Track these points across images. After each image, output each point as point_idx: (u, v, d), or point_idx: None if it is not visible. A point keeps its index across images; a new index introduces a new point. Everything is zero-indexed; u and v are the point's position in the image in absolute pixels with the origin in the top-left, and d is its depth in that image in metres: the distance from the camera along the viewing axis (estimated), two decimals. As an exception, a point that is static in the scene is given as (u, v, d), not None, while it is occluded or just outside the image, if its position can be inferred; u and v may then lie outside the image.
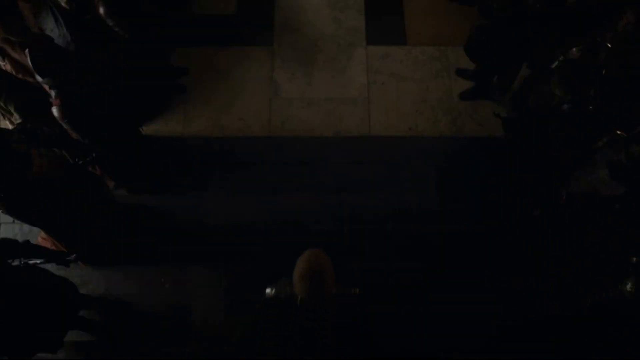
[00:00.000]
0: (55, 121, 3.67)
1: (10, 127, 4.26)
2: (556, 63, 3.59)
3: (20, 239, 3.65)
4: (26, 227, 4.45)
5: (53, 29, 3.97)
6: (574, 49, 3.48)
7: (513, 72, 4.62)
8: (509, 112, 4.67)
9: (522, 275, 4.19)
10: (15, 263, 3.48)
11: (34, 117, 3.90)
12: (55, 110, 3.54)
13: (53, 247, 4.16)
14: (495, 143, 4.84)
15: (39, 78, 3.43)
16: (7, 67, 4.22)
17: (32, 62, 3.37)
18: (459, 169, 4.84)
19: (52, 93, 3.53)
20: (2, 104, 4.06)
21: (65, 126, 3.65)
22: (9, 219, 4.40)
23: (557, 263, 3.95)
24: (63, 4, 3.86)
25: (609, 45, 3.44)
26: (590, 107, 3.63)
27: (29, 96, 4.07)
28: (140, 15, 4.33)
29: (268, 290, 2.99)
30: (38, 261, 3.58)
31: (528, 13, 4.03)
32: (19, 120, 3.93)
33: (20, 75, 4.24)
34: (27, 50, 3.41)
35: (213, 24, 5.63)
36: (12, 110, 3.97)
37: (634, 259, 3.28)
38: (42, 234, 4.30)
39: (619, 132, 3.48)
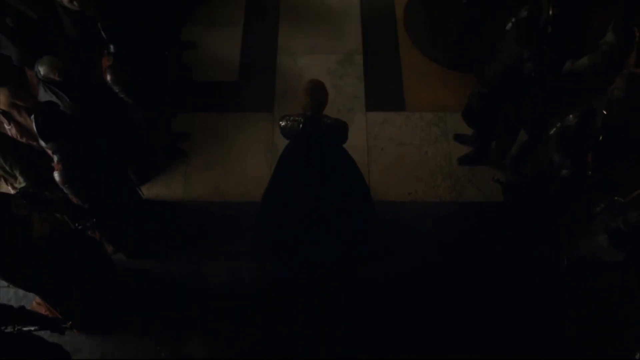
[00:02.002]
0: (57, 185, 3.69)
1: (11, 191, 4.28)
2: (553, 129, 3.64)
3: (14, 303, 3.59)
4: (21, 291, 4.38)
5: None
6: (571, 116, 3.53)
7: (511, 137, 4.68)
8: (508, 177, 4.69)
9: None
10: (9, 330, 3.41)
11: (36, 181, 3.93)
12: (57, 175, 3.56)
13: (47, 313, 4.09)
14: (494, 208, 4.84)
15: (42, 143, 3.48)
16: (13, 131, 4.29)
17: (36, 127, 3.43)
18: (459, 234, 4.83)
19: (55, 158, 3.57)
20: (7, 168, 4.09)
21: (66, 190, 3.66)
22: (3, 282, 4.34)
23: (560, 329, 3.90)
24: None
25: (605, 112, 3.50)
26: (589, 172, 3.65)
27: (33, 160, 4.12)
28: (146, 82, 4.43)
29: (282, 123, 3.74)
30: (32, 328, 3.51)
31: (524, 81, 4.13)
32: (22, 184, 3.95)
33: (24, 139, 4.31)
34: (32, 116, 3.47)
35: (215, 90, 5.77)
36: (17, 174, 4.01)
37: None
38: (37, 298, 4.23)
39: (616, 198, 3.49)
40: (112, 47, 4.11)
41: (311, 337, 4.33)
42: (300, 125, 3.63)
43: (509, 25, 4.12)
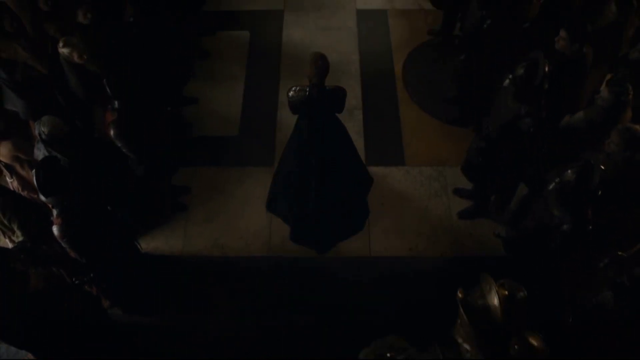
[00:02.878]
0: (55, 240, 3.67)
1: (9, 244, 4.25)
2: (552, 185, 3.65)
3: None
4: (13, 348, 4.27)
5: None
6: (569, 171, 3.55)
7: (510, 191, 4.69)
8: (508, 232, 4.68)
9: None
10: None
11: (35, 235, 3.90)
12: (55, 229, 3.54)
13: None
14: (496, 262, 4.79)
15: (42, 197, 3.48)
16: (14, 184, 4.31)
17: (36, 182, 3.44)
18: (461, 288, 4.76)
19: (54, 212, 3.56)
20: (5, 222, 4.08)
21: (64, 245, 3.63)
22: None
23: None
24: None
25: (603, 167, 3.52)
26: (590, 227, 3.65)
27: (32, 215, 4.11)
28: (148, 137, 4.48)
29: (290, 94, 4.25)
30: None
31: (522, 136, 4.18)
32: (20, 238, 3.93)
33: (25, 192, 4.32)
34: (34, 170, 3.49)
35: (216, 145, 5.82)
36: (15, 228, 3.99)
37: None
38: (30, 355, 4.13)
39: (620, 253, 3.47)
40: (116, 102, 4.17)
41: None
42: (307, 92, 4.13)
43: (507, 82, 4.21)
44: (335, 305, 4.68)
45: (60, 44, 4.38)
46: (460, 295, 2.60)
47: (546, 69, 3.94)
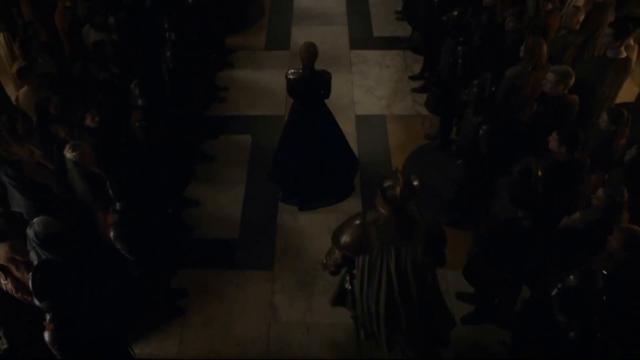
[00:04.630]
0: (44, 345, 3.55)
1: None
2: (555, 290, 3.59)
3: None
4: None
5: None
6: (571, 276, 3.51)
7: (513, 295, 4.61)
8: (514, 338, 4.54)
9: None
10: None
11: (21, 343, 3.79)
12: (47, 335, 3.43)
13: None
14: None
15: (36, 301, 3.41)
16: (8, 286, 4.23)
17: (32, 285, 3.38)
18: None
19: (47, 317, 3.47)
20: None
21: (54, 352, 3.51)
22: None
23: None
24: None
25: (605, 272, 3.49)
26: (597, 334, 3.54)
27: (23, 319, 4.01)
28: (148, 240, 4.47)
29: (290, 76, 5.41)
30: None
31: (521, 239, 4.17)
32: (4, 346, 3.80)
33: (19, 295, 4.23)
34: (31, 273, 3.44)
35: (215, 248, 5.79)
36: (1, 335, 3.87)
37: None
38: None
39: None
40: (118, 204, 4.21)
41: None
42: (301, 73, 5.35)
43: (502, 186, 4.28)
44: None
45: (68, 148, 4.50)
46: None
47: (539, 172, 4.01)
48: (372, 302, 3.93)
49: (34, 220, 3.92)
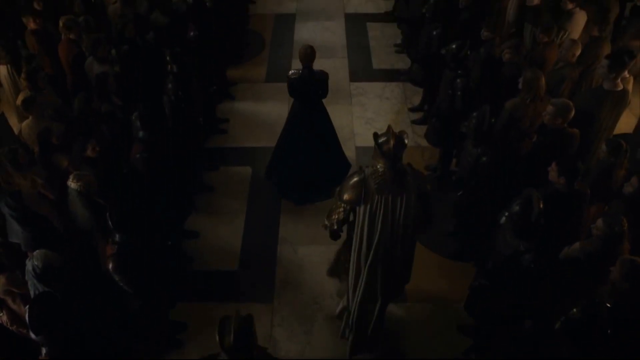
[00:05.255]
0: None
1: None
2: (558, 324, 3.56)
3: None
4: None
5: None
6: (575, 310, 3.48)
7: (516, 329, 4.55)
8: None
9: None
10: None
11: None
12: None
13: None
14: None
15: (32, 335, 3.37)
16: (4, 318, 4.19)
17: (29, 318, 3.35)
18: None
19: (43, 351, 3.43)
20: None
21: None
22: None
23: None
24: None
25: (609, 305, 3.46)
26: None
27: (18, 352, 3.95)
28: (147, 272, 4.43)
29: (292, 76, 5.91)
30: None
31: (523, 271, 4.14)
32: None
33: (14, 327, 4.18)
34: (27, 306, 3.41)
35: (215, 280, 5.75)
36: None
37: None
38: None
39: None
40: (117, 236, 4.19)
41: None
42: (300, 72, 5.82)
43: (503, 219, 4.26)
44: None
45: (72, 179, 4.51)
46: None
47: (540, 205, 4.01)
48: (363, 259, 4.38)
49: (34, 253, 3.90)
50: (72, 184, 4.52)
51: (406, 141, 4.07)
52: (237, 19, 9.28)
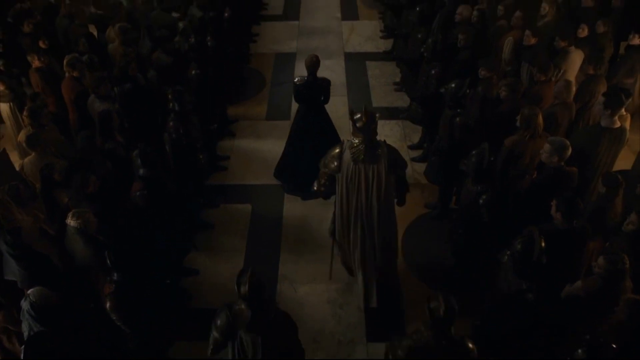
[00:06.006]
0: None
1: None
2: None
3: None
4: None
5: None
6: (579, 351, 3.44)
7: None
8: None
9: None
10: None
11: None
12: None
13: None
14: None
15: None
16: (-2, 357, 4.15)
17: (23, 358, 3.30)
18: None
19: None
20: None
21: None
22: None
23: None
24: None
25: (614, 345, 3.43)
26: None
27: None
28: (145, 312, 4.40)
29: (297, 82, 6.58)
30: None
31: (526, 310, 4.11)
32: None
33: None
34: (23, 346, 3.37)
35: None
36: None
37: None
38: None
39: None
40: (115, 274, 4.16)
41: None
42: (305, 79, 6.46)
43: (505, 257, 4.25)
44: None
45: (71, 217, 4.51)
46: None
47: (542, 243, 4.00)
48: (345, 221, 5.20)
49: (30, 291, 3.86)
50: (71, 221, 4.52)
51: (377, 116, 4.90)
52: (238, 57, 9.42)
